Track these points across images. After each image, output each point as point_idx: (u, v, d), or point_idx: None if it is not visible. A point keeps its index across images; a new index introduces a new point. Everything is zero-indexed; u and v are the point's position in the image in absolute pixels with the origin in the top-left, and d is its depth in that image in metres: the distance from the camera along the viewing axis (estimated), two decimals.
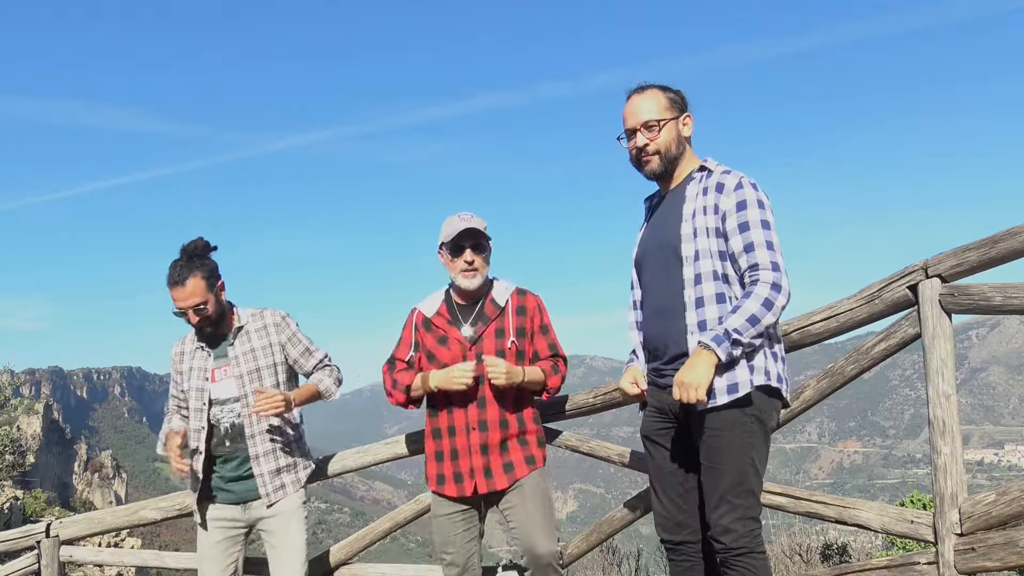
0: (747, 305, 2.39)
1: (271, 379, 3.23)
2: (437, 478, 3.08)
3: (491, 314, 3.05)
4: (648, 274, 2.71)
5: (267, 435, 3.20)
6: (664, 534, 2.71)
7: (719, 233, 2.52)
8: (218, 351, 3.25)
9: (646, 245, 2.75)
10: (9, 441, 24.76)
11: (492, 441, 2.97)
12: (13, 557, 4.24)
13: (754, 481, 2.49)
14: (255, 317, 3.29)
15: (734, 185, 2.53)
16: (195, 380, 3.24)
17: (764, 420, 2.50)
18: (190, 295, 3.08)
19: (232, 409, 3.21)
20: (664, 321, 2.61)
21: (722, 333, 2.37)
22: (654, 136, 2.62)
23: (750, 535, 2.45)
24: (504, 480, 2.98)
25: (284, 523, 3.21)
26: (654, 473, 2.73)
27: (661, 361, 2.64)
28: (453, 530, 3.04)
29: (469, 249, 3.00)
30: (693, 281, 2.52)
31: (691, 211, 2.57)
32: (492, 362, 2.90)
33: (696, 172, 2.65)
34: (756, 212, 2.49)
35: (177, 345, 3.38)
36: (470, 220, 3.02)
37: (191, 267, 3.10)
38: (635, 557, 6.04)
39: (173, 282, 3.09)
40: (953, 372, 2.81)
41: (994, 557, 2.61)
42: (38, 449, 60.65)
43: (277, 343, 3.27)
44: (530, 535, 2.91)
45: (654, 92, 2.66)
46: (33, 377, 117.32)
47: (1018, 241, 2.65)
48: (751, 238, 2.46)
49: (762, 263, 2.43)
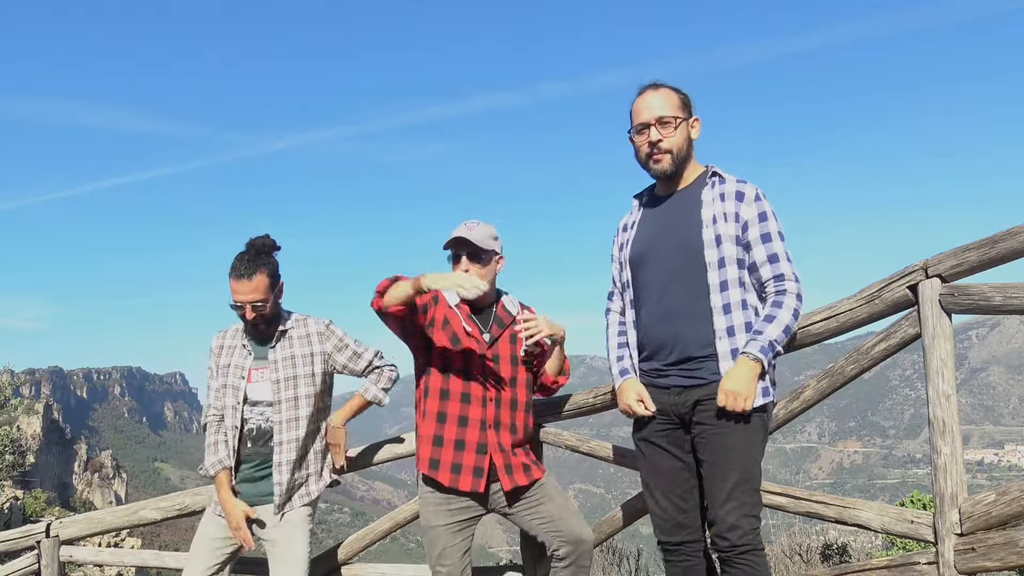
0: (781, 316, 2.51)
1: (308, 388, 3.18)
2: (430, 462, 2.99)
3: (506, 320, 3.07)
4: (651, 275, 2.68)
5: (295, 444, 3.16)
6: (662, 535, 2.71)
7: (739, 241, 2.57)
8: (258, 352, 3.21)
9: (647, 245, 2.71)
10: (9, 441, 24.74)
11: (506, 443, 2.99)
12: (13, 557, 4.24)
13: (758, 479, 2.55)
14: (299, 323, 3.25)
15: (754, 196, 2.58)
16: (231, 378, 3.20)
17: (765, 420, 2.57)
18: (253, 290, 3.05)
19: (263, 412, 3.16)
20: (676, 324, 2.60)
21: (767, 345, 2.47)
22: (668, 133, 2.60)
23: (753, 532, 2.48)
24: (524, 479, 3.00)
25: (289, 533, 3.16)
26: (650, 474, 2.72)
27: (664, 362, 2.63)
28: (451, 541, 3.00)
29: (464, 258, 2.98)
30: (719, 287, 2.56)
31: (710, 216, 2.58)
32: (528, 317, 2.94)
33: (709, 177, 2.66)
34: (775, 224, 2.58)
35: (218, 338, 3.32)
36: (473, 228, 2.99)
37: (259, 263, 3.07)
38: (635, 557, 6.04)
39: (239, 275, 3.05)
40: (953, 372, 2.80)
41: (994, 557, 2.60)
42: (38, 449, 60.67)
43: (320, 353, 3.23)
44: (570, 524, 2.99)
45: (668, 91, 2.65)
46: (33, 377, 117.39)
47: (1018, 241, 2.64)
48: (774, 249, 2.56)
49: (787, 275, 2.55)
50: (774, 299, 2.53)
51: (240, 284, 3.05)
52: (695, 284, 2.57)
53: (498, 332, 3.04)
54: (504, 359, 3.02)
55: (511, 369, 3.02)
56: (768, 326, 2.48)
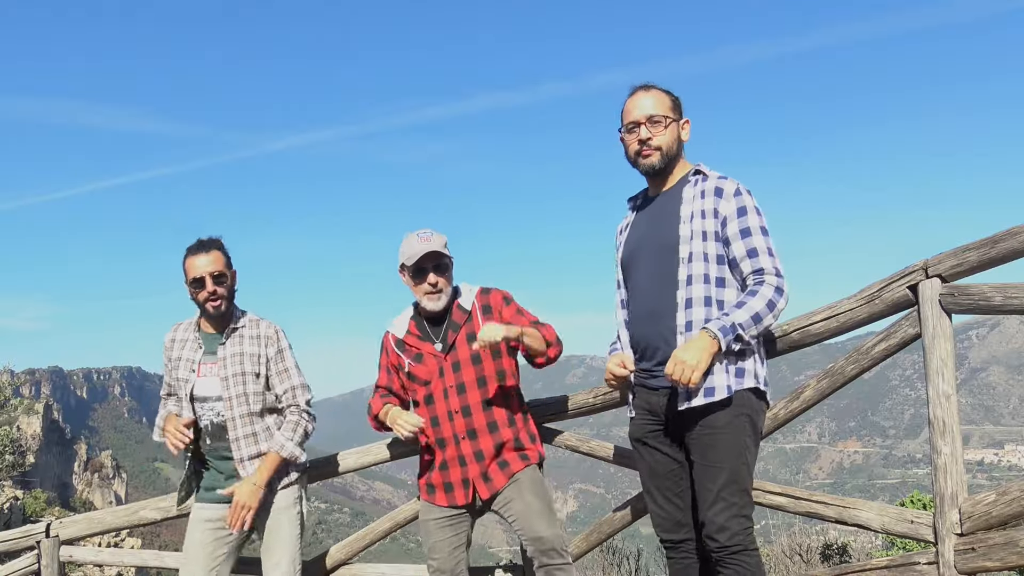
0: (752, 303, 2.43)
1: (255, 387, 3.16)
2: (427, 487, 3.11)
3: (460, 320, 3.04)
4: (638, 275, 2.69)
5: (252, 439, 3.14)
6: (664, 534, 2.72)
7: (717, 237, 2.54)
8: (208, 346, 3.22)
9: (635, 245, 2.73)
10: (9, 441, 24.75)
11: (486, 447, 2.97)
12: (13, 557, 4.24)
13: (747, 480, 2.53)
14: (252, 323, 3.25)
15: (733, 191, 2.55)
16: (182, 371, 3.21)
17: (755, 421, 2.55)
18: (212, 262, 3.10)
19: (213, 408, 3.16)
20: (655, 322, 2.60)
21: (728, 325, 2.40)
22: (658, 132, 2.61)
23: (744, 533, 2.47)
24: (502, 478, 2.98)
25: (275, 521, 3.17)
26: (648, 475, 2.73)
27: (651, 363, 2.64)
28: (440, 536, 3.04)
29: (431, 272, 2.99)
30: (685, 282, 2.54)
31: (689, 213, 2.58)
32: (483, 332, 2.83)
33: (691, 175, 2.66)
34: (756, 218, 2.53)
35: (170, 332, 3.34)
36: (430, 239, 2.98)
37: (212, 243, 3.17)
38: (635, 557, 6.03)
39: (194, 251, 3.12)
40: (953, 372, 2.80)
41: (994, 557, 2.61)
42: (38, 449, 60.61)
43: (263, 355, 3.21)
44: (530, 522, 2.91)
45: (659, 92, 2.66)
46: (33, 377, 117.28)
47: (1018, 241, 2.64)
48: (753, 244, 2.50)
49: (767, 268, 2.49)
50: (750, 288, 2.48)
51: (197, 259, 3.11)
52: (669, 281, 2.57)
53: (453, 337, 3.02)
54: (465, 362, 3.00)
55: (474, 370, 3.00)
56: (736, 310, 2.42)
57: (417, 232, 3.03)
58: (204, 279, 3.09)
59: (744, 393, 2.51)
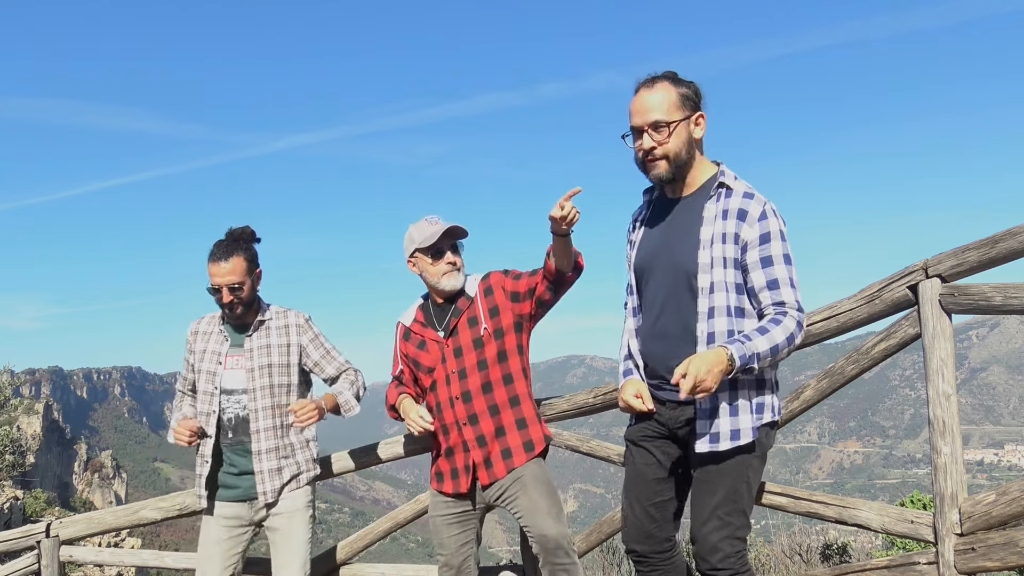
0: (774, 333, 2.30)
1: (283, 379, 3.20)
2: (436, 475, 3.12)
3: (463, 306, 3.05)
4: (653, 290, 2.54)
5: (272, 432, 3.17)
6: (630, 543, 2.61)
7: (737, 264, 2.38)
8: (235, 339, 3.24)
9: (650, 255, 2.56)
10: (9, 441, 24.72)
11: (487, 431, 2.97)
12: (13, 557, 4.24)
13: (746, 501, 2.43)
14: (279, 315, 3.28)
15: (758, 215, 2.36)
16: (208, 363, 3.22)
17: (764, 452, 2.48)
18: (230, 272, 3.10)
19: (239, 400, 3.17)
20: (667, 345, 2.48)
21: (748, 355, 2.24)
22: (663, 139, 2.39)
23: (736, 556, 2.37)
24: (502, 468, 2.96)
25: (288, 522, 3.19)
26: (632, 478, 2.62)
27: (662, 380, 2.53)
28: (448, 532, 3.05)
29: (449, 251, 3.02)
30: (707, 315, 2.38)
31: (709, 236, 2.39)
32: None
33: (714, 188, 2.45)
34: (779, 246, 2.36)
35: (194, 324, 3.35)
36: (438, 221, 3.03)
37: (236, 247, 3.14)
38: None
39: (215, 258, 3.11)
40: (953, 372, 2.80)
41: (994, 557, 2.61)
42: (38, 449, 60.51)
43: (296, 344, 3.25)
44: (537, 519, 2.88)
45: (665, 87, 2.41)
46: (33, 377, 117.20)
47: (1018, 241, 2.64)
48: (775, 275, 2.35)
49: (788, 302, 2.35)
50: (773, 317, 2.34)
51: (217, 267, 3.10)
52: (686, 308, 2.43)
53: (454, 322, 3.03)
54: (466, 347, 3.00)
55: (475, 354, 2.99)
56: (759, 337, 2.27)
57: (425, 218, 3.06)
58: (221, 289, 3.12)
59: (762, 428, 2.42)
